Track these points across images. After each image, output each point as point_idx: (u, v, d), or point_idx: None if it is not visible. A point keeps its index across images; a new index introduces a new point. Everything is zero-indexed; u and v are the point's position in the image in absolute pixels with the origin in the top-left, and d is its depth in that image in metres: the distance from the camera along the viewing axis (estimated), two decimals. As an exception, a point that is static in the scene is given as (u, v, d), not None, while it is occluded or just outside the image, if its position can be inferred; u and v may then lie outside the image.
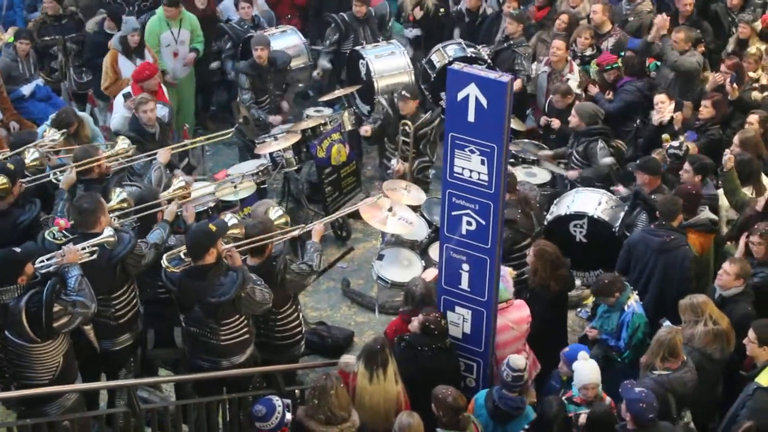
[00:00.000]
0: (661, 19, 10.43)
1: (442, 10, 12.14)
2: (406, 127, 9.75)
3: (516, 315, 7.16)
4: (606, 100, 10.14)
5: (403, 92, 9.93)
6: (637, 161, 8.86)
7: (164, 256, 6.92)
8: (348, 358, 6.90)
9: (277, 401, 6.23)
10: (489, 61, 10.94)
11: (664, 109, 9.53)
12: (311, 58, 11.62)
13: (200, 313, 6.79)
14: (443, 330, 6.88)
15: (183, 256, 6.90)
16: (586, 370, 6.61)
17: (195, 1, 11.66)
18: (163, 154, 8.52)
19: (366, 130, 10.26)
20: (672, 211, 7.79)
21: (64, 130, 8.74)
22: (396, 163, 9.80)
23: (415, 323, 6.93)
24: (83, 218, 6.82)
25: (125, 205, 7.51)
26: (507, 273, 7.40)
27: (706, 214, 8.13)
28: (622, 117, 10.10)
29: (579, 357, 6.66)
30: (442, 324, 6.85)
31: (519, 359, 6.53)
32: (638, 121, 10.20)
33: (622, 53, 10.53)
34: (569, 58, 10.54)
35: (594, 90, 10.24)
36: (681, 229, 7.89)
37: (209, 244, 6.73)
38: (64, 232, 6.91)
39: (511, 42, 11.06)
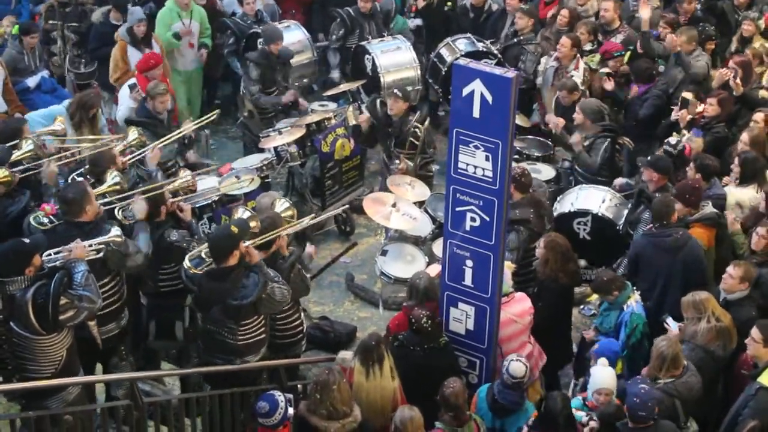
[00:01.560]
0: (672, 39, 10.21)
1: (449, 3, 12.11)
2: (417, 131, 9.52)
3: (518, 308, 7.17)
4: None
5: (396, 91, 9.67)
6: (648, 157, 8.76)
7: (186, 257, 6.91)
8: (345, 354, 6.92)
9: (280, 396, 6.24)
10: (499, 56, 10.92)
11: None
12: (315, 54, 11.61)
13: (219, 314, 6.75)
14: (430, 329, 6.82)
15: (204, 256, 6.87)
16: (602, 374, 6.59)
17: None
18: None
19: (364, 119, 9.94)
20: (667, 211, 7.73)
21: (60, 126, 8.68)
22: (399, 162, 9.61)
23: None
24: (68, 207, 6.86)
25: (117, 188, 7.52)
26: (505, 267, 7.35)
27: (709, 208, 8.10)
28: (651, 122, 9.92)
29: (598, 363, 6.65)
30: (423, 323, 6.79)
31: (519, 367, 6.47)
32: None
33: (631, 47, 10.49)
34: (577, 55, 10.51)
35: (633, 90, 9.93)
36: (682, 224, 7.87)
37: (233, 247, 6.69)
38: (50, 217, 7.02)
39: (521, 38, 11.05)
